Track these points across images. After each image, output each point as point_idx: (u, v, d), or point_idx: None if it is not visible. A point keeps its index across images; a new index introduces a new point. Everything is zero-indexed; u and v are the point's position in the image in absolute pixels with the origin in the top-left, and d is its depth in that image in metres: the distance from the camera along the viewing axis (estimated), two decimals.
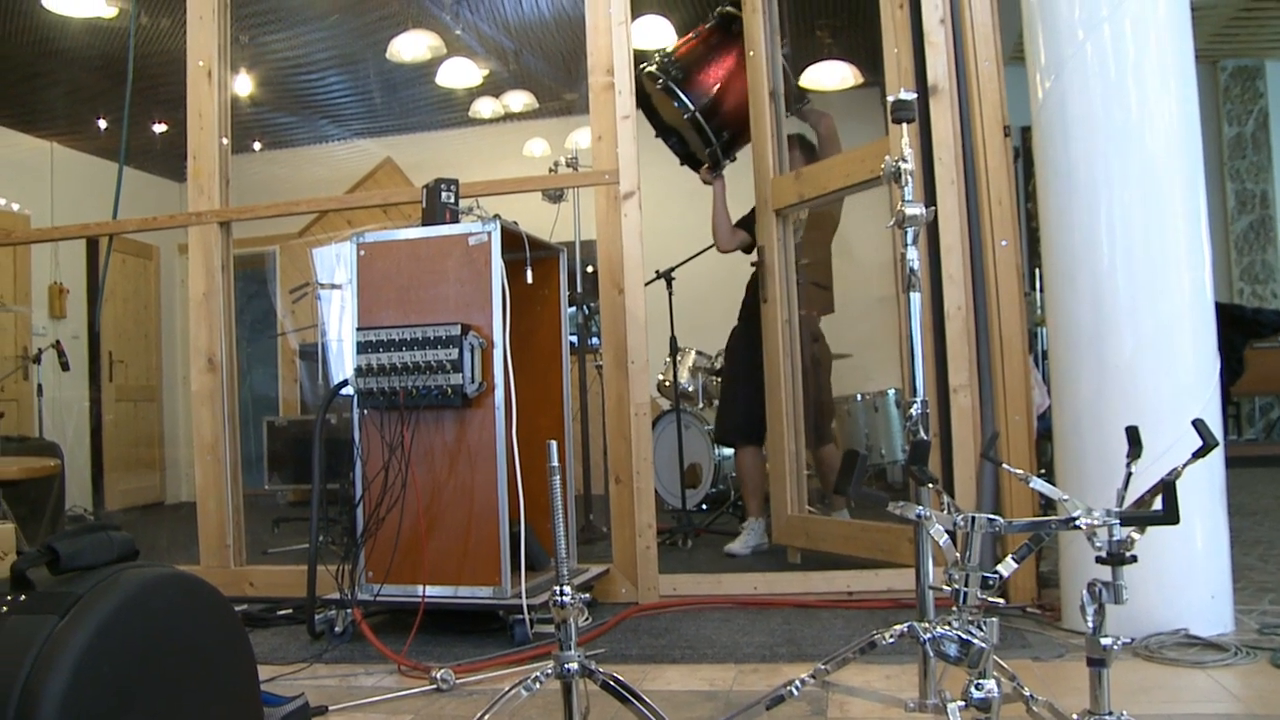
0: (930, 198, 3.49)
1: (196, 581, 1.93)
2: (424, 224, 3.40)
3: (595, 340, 6.22)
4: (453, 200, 3.40)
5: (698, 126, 4.54)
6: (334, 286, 6.97)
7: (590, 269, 5.56)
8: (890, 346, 7.16)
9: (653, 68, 4.52)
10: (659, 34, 6.27)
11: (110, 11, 5.77)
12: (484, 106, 7.89)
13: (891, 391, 6.30)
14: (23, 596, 1.72)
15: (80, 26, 6.24)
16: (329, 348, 7.41)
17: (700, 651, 2.97)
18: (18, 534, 3.71)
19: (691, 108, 4.49)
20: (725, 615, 3.46)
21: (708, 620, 3.39)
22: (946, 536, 1.84)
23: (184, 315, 3.40)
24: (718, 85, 4.54)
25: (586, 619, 2.25)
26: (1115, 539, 1.81)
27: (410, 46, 6.48)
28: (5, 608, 1.70)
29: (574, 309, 5.77)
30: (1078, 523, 1.78)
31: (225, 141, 4.17)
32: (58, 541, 1.78)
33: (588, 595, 2.26)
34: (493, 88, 7.83)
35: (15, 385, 7.41)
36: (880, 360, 7.14)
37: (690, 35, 4.80)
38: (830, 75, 7.02)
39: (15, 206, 7.77)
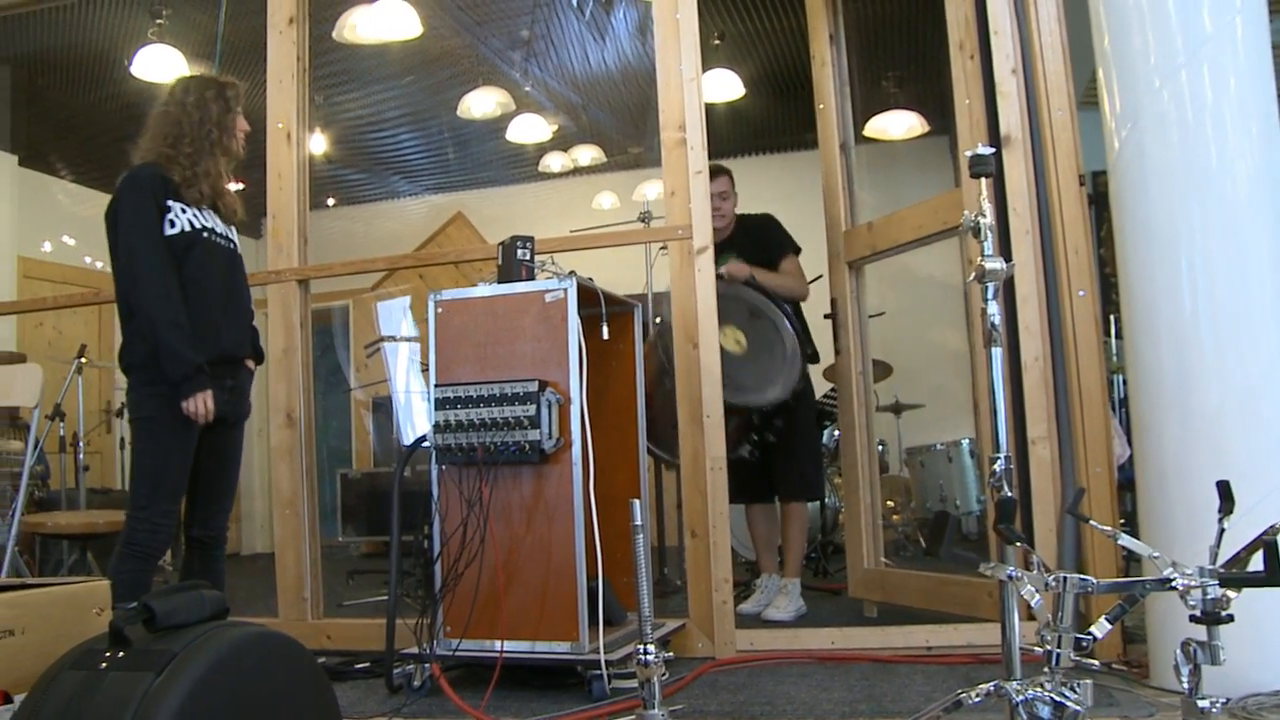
0: (1005, 249, 3.46)
1: (285, 639, 1.97)
2: (500, 281, 3.45)
3: None
4: (528, 257, 3.44)
5: None
6: (407, 339, 7.07)
7: (659, 320, 5.58)
8: (960, 395, 7.11)
9: None
10: (728, 88, 6.34)
11: None
12: (553, 161, 8.01)
13: (965, 441, 6.22)
14: (121, 653, 1.76)
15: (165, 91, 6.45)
16: (395, 399, 7.52)
17: (780, 708, 2.94)
18: None
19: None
20: (803, 670, 3.42)
21: (785, 676, 3.36)
22: (1039, 597, 1.81)
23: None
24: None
25: (664, 675, 2.25)
26: (1210, 598, 1.77)
27: (480, 103, 6.64)
28: (105, 664, 1.74)
29: None
30: (1174, 583, 1.74)
31: (304, 198, 4.27)
32: (154, 600, 1.83)
33: (669, 653, 2.26)
34: (561, 142, 7.95)
35: (99, 439, 7.58)
36: (951, 410, 7.07)
37: None
38: (897, 124, 7.05)
39: (99, 265, 8.01)
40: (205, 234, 3.26)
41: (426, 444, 3.41)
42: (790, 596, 4.33)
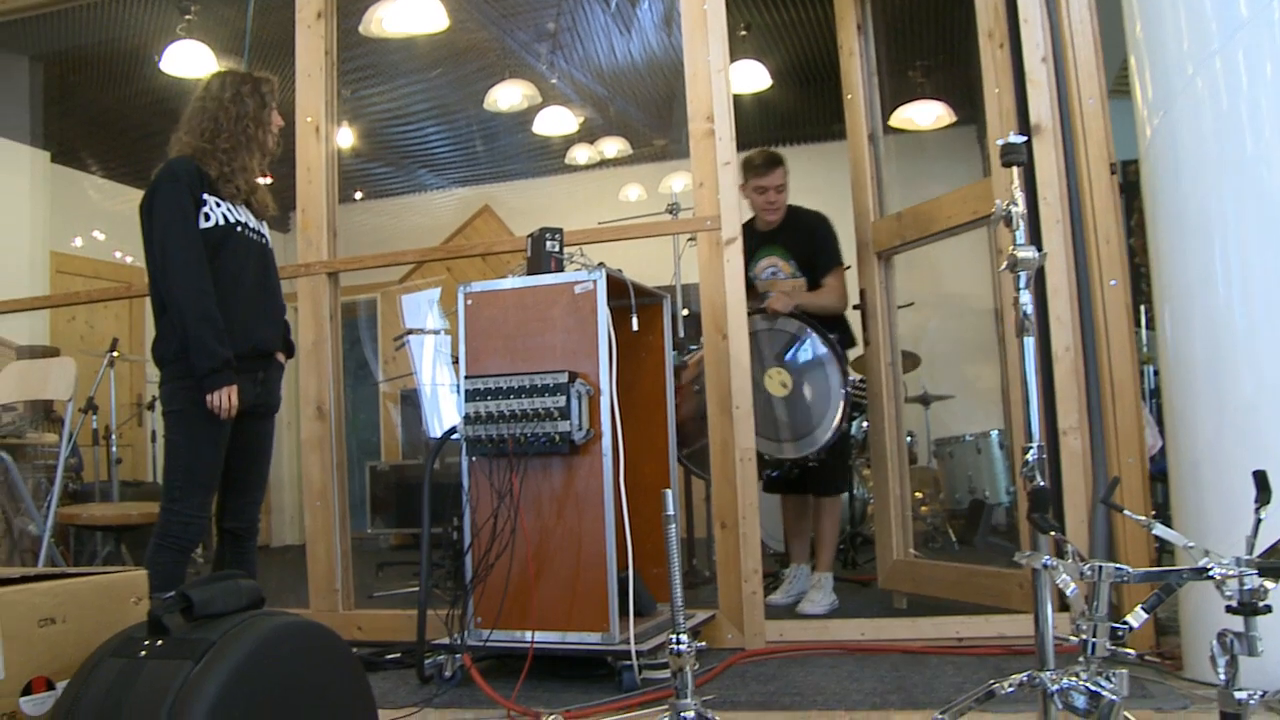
0: (1036, 239, 3.44)
1: (321, 628, 1.98)
2: (529, 273, 3.45)
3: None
4: (557, 249, 3.45)
5: None
6: (435, 332, 7.08)
7: (685, 312, 5.58)
8: (987, 387, 7.07)
9: None
10: (755, 78, 6.32)
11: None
12: (580, 153, 8.00)
13: (994, 433, 6.19)
14: (160, 641, 1.78)
15: (194, 86, 6.50)
16: (422, 392, 7.54)
17: (809, 699, 2.94)
18: None
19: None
20: (833, 661, 3.42)
21: (815, 666, 3.36)
22: (1074, 586, 1.80)
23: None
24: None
25: (695, 665, 2.26)
26: (1247, 588, 1.76)
27: (507, 96, 6.64)
28: (144, 652, 1.76)
29: (675, 352, 5.78)
30: (1211, 572, 1.73)
31: (333, 192, 4.29)
32: (191, 589, 1.85)
33: (702, 643, 2.26)
34: (588, 134, 7.94)
35: (130, 432, 7.66)
36: (979, 401, 7.04)
37: None
38: (924, 114, 7.01)
39: (129, 260, 8.09)
40: (239, 229, 3.28)
41: (456, 436, 3.42)
42: (824, 591, 4.32)
